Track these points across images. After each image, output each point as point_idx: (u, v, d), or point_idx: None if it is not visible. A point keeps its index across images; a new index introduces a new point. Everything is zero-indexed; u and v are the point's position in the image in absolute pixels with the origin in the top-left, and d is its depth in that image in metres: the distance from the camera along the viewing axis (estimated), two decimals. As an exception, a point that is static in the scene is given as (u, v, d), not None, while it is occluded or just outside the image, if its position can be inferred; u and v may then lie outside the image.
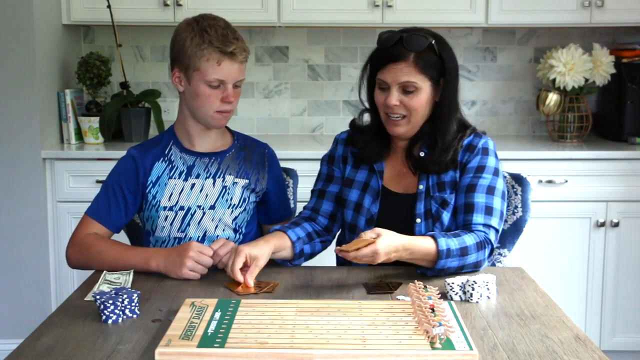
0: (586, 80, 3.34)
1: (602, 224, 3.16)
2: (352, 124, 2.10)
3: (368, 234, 1.73)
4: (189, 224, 2.04)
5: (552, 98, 3.35)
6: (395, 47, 1.89)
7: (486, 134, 2.04)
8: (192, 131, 2.05)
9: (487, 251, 1.86)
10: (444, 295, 1.68)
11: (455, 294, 1.68)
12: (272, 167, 2.14)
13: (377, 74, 1.94)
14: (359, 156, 2.04)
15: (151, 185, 2.03)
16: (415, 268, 1.86)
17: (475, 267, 1.85)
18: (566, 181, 3.16)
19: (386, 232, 1.74)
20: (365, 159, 2.03)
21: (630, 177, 3.17)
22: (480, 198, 1.91)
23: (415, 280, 1.62)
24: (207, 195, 2.04)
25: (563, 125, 3.46)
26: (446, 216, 1.93)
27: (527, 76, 3.69)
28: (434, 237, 1.80)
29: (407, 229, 1.91)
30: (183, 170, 2.04)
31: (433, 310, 1.46)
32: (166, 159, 2.05)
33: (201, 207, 2.04)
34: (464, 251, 1.80)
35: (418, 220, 1.94)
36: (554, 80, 3.33)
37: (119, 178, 2.04)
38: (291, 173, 2.30)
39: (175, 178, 2.04)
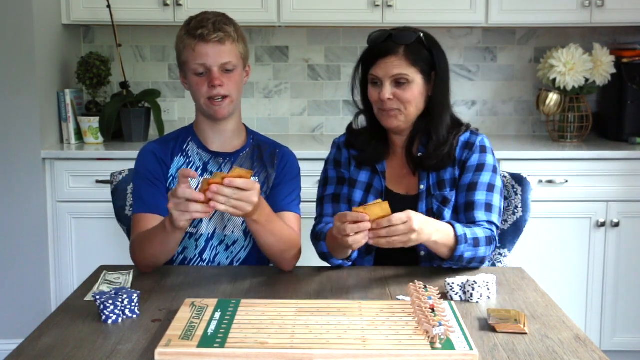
0: (586, 80, 3.34)
1: (602, 224, 3.16)
2: (349, 128, 2.11)
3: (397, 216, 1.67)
4: (201, 220, 2.01)
5: (552, 98, 3.35)
6: (384, 42, 1.94)
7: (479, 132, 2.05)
8: (206, 129, 2.05)
9: (493, 247, 1.89)
10: (444, 295, 1.67)
11: (456, 294, 1.68)
12: (281, 164, 2.09)
13: (369, 71, 1.96)
14: (360, 159, 2.05)
15: (171, 178, 2.04)
16: (432, 261, 1.89)
17: (481, 263, 1.88)
18: (566, 181, 3.16)
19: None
20: (366, 162, 2.04)
21: (630, 177, 3.17)
22: (480, 196, 1.93)
23: (415, 280, 1.62)
24: None
25: (563, 125, 3.46)
26: (447, 214, 1.94)
27: (527, 76, 3.69)
28: (451, 223, 1.83)
29: None
30: (199, 166, 2.05)
31: (433, 310, 1.46)
32: (184, 154, 2.06)
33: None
34: (476, 242, 1.83)
35: None
36: (554, 80, 3.33)
37: (146, 171, 2.02)
38: (291, 173, 2.30)
39: None
